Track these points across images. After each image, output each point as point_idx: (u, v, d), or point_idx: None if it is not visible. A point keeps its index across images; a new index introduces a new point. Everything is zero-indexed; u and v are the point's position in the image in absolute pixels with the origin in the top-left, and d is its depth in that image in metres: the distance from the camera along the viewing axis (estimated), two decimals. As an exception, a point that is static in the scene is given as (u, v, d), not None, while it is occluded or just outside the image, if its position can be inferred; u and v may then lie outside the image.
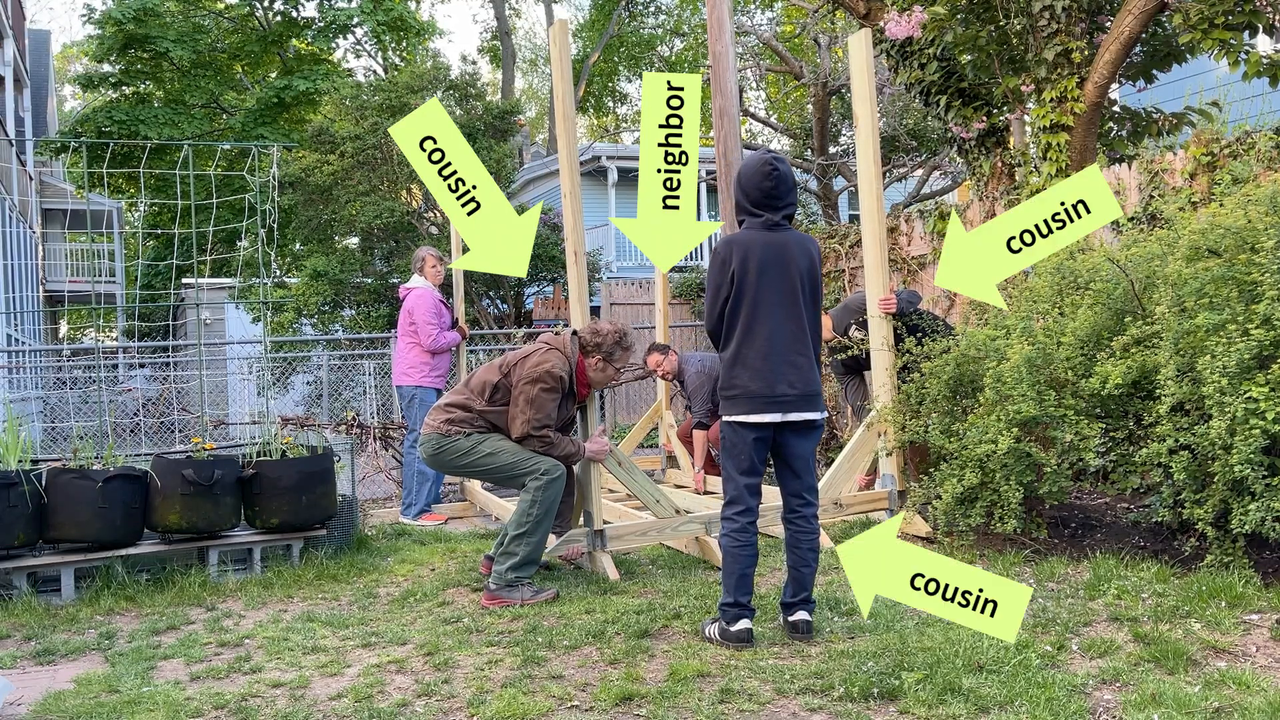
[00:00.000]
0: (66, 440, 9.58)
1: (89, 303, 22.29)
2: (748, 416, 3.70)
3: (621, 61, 32.05)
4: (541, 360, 4.75)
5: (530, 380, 4.70)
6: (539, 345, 4.89)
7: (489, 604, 4.42)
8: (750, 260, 3.74)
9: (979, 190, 7.72)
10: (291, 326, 15.84)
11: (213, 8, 24.32)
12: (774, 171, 3.77)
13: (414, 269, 7.30)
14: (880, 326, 5.48)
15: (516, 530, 4.55)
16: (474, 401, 4.80)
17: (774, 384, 3.69)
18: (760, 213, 3.80)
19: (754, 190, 3.80)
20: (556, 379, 4.70)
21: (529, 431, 4.67)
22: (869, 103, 5.47)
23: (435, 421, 4.84)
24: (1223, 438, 3.80)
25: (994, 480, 4.56)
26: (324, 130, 14.66)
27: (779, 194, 3.78)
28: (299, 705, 3.27)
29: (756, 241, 3.77)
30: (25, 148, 21.62)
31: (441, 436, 4.77)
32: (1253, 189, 4.37)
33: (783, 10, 19.65)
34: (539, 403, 4.67)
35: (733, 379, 3.75)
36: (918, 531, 5.18)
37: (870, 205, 5.49)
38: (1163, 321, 4.19)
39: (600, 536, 4.93)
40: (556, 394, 4.71)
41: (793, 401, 3.70)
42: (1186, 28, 6.30)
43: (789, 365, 3.70)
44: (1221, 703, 2.87)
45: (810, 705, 3.08)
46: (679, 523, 5.12)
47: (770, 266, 3.74)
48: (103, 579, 4.93)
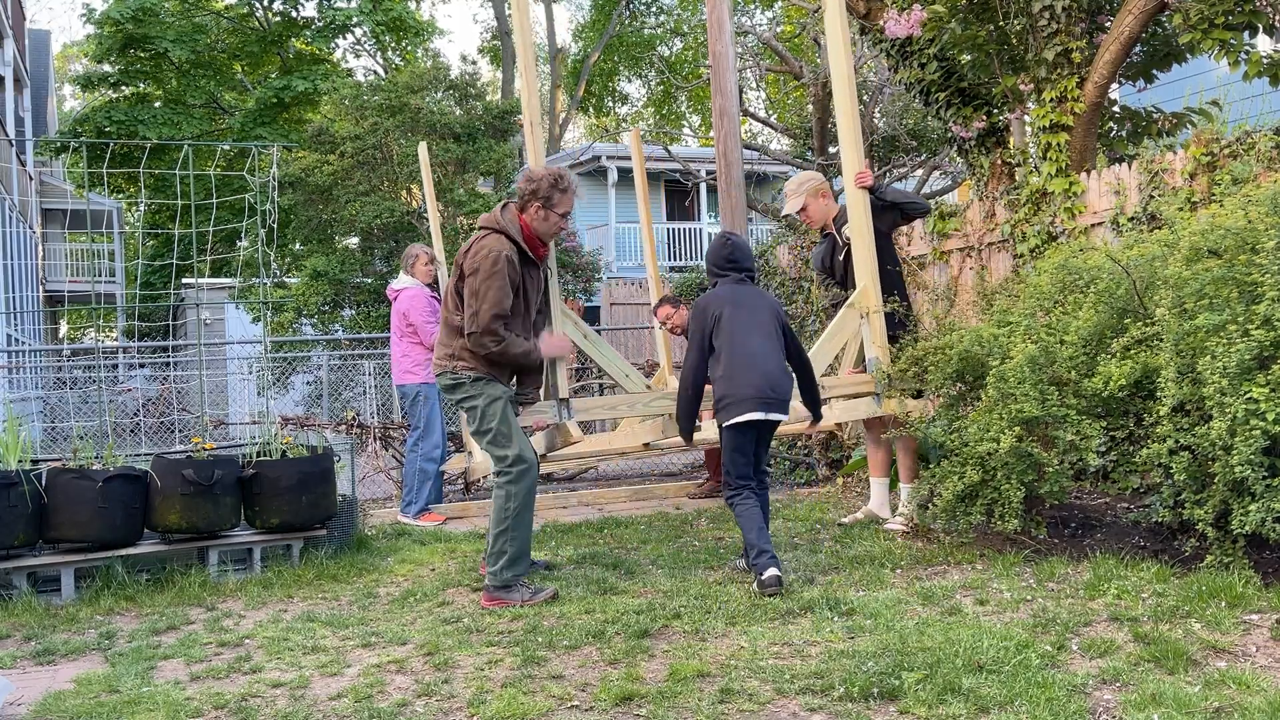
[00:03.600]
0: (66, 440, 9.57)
1: (89, 303, 22.29)
2: (742, 417, 4.53)
3: (621, 61, 32.03)
4: (479, 248, 4.46)
5: (472, 273, 4.43)
6: (474, 236, 4.61)
7: (488, 605, 4.39)
8: (725, 303, 4.70)
9: (979, 190, 7.72)
10: (291, 326, 15.84)
11: (212, 7, 24.32)
12: (727, 241, 4.92)
13: (405, 267, 7.27)
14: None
15: (498, 528, 4.45)
16: (453, 339, 4.60)
17: (759, 387, 4.53)
18: (726, 273, 4.81)
19: (720, 259, 4.86)
20: (500, 260, 4.39)
21: (479, 327, 4.38)
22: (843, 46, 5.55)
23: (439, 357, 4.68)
24: (1223, 438, 3.80)
25: (995, 479, 4.56)
26: (324, 130, 14.66)
27: (737, 258, 4.83)
28: (299, 705, 3.27)
29: (728, 290, 4.75)
30: (25, 148, 21.62)
31: (453, 373, 4.58)
32: (1253, 189, 4.37)
33: (783, 10, 19.65)
34: (483, 292, 4.36)
35: (725, 391, 4.58)
36: (895, 527, 5.30)
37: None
38: (1163, 322, 4.19)
39: (565, 406, 4.83)
40: (503, 277, 4.38)
41: (772, 403, 4.56)
42: (1186, 28, 6.29)
43: (768, 373, 4.56)
44: (1221, 703, 2.87)
45: (810, 705, 3.08)
46: (650, 398, 5.00)
47: (744, 304, 4.70)
48: (103, 579, 4.92)
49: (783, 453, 8.09)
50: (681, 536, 5.80)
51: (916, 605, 4.02)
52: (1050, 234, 6.56)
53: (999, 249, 7.04)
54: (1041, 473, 4.50)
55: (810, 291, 8.43)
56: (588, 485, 8.59)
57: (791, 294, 8.65)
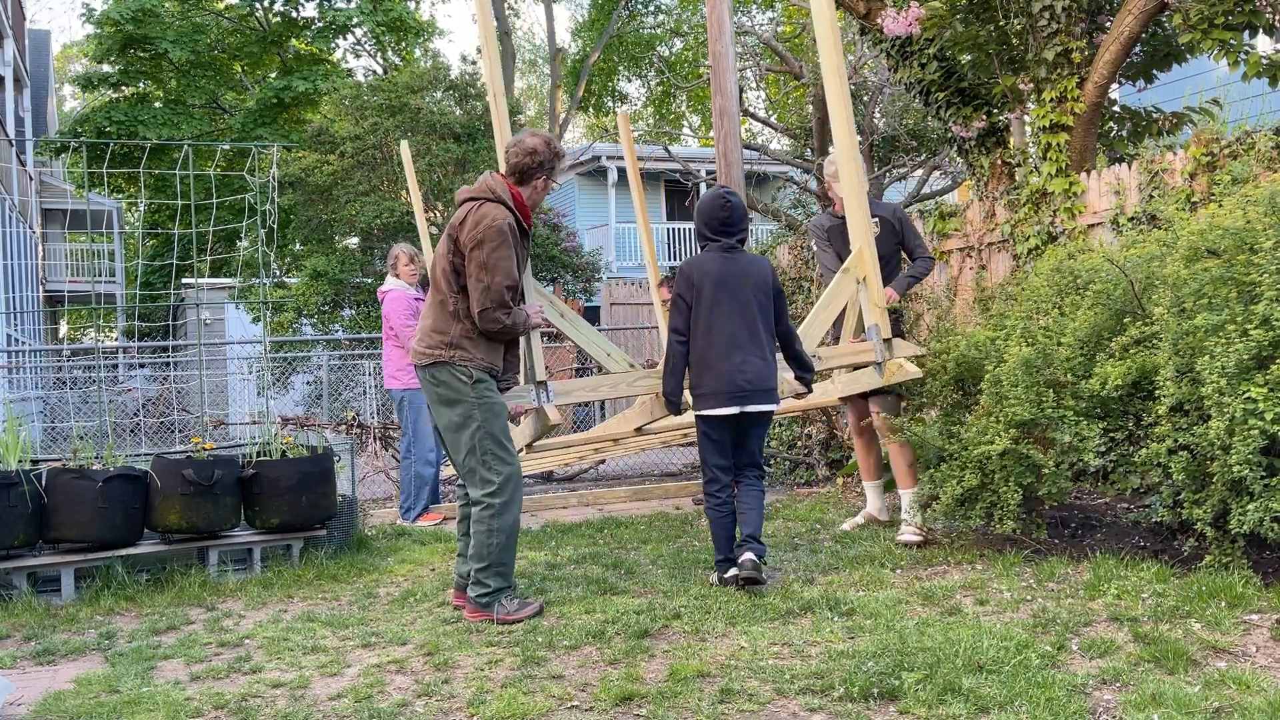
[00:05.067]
0: (66, 440, 9.58)
1: (89, 303, 22.30)
2: (713, 410, 4.39)
3: (621, 61, 31.99)
4: (479, 218, 4.15)
5: (476, 245, 4.11)
6: (465, 207, 4.26)
7: (472, 617, 4.19)
8: (709, 277, 4.42)
9: (979, 190, 7.72)
10: (291, 326, 15.85)
11: (212, 8, 24.31)
12: (727, 203, 4.51)
13: (389, 268, 7.24)
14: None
15: (480, 564, 4.17)
16: (448, 324, 4.21)
17: (733, 379, 4.34)
18: (718, 238, 4.49)
19: (712, 220, 4.51)
20: (505, 229, 4.13)
21: (491, 302, 4.09)
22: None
23: (422, 347, 4.27)
24: (1221, 438, 3.80)
25: (993, 481, 4.56)
26: (324, 130, 14.66)
27: (732, 222, 4.50)
28: (299, 705, 3.27)
29: (714, 261, 4.45)
30: (25, 148, 21.63)
31: (450, 366, 4.18)
32: (1252, 189, 4.37)
33: (783, 10, 19.65)
34: (493, 263, 4.08)
35: (699, 378, 4.42)
36: (911, 539, 5.07)
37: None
38: (1162, 322, 4.19)
39: (543, 388, 4.50)
40: (509, 246, 4.13)
41: (749, 395, 4.36)
42: (1186, 28, 6.30)
43: (745, 363, 4.36)
44: (1221, 703, 2.87)
45: (810, 705, 3.08)
46: (635, 377, 4.65)
47: (726, 282, 4.41)
48: (103, 579, 4.93)
49: (783, 453, 8.10)
50: (681, 536, 5.80)
51: (916, 605, 4.02)
52: (1050, 234, 6.56)
53: (999, 249, 7.04)
54: (1040, 474, 4.50)
55: (810, 291, 8.44)
56: (588, 485, 8.59)
57: (792, 294, 8.65)
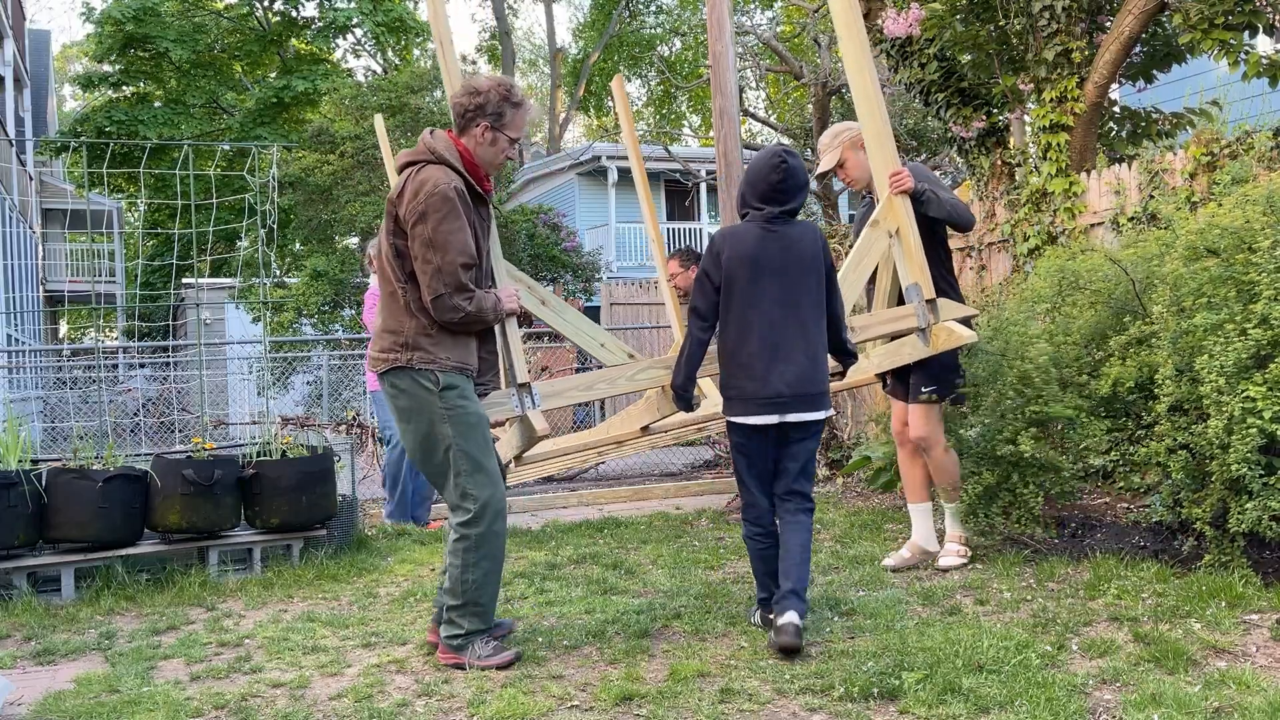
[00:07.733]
0: (66, 440, 9.57)
1: (89, 303, 22.27)
2: (745, 419, 3.66)
3: (621, 61, 32.01)
4: (416, 186, 3.45)
5: (417, 219, 3.41)
6: (404, 174, 3.55)
7: (444, 659, 3.61)
8: (745, 256, 3.63)
9: (979, 190, 7.72)
10: (291, 326, 15.84)
11: (212, 7, 24.32)
12: (783, 164, 3.65)
13: (366, 267, 7.21)
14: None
15: (455, 601, 3.56)
16: (402, 320, 3.52)
17: (771, 383, 3.60)
18: (763, 206, 3.67)
19: (761, 182, 3.67)
20: (451, 194, 3.42)
21: (445, 286, 3.39)
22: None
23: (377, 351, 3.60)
24: (1220, 437, 3.80)
25: (1010, 481, 4.54)
26: (324, 130, 14.66)
27: (785, 189, 3.65)
28: (299, 705, 3.27)
29: (752, 237, 3.65)
30: (25, 148, 21.62)
31: (413, 372, 3.51)
32: (1250, 189, 4.37)
33: (783, 10, 19.64)
34: (441, 239, 3.39)
35: (729, 378, 3.71)
36: (951, 563, 4.58)
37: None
38: (1161, 321, 4.20)
39: (527, 391, 3.81)
40: (459, 215, 3.43)
41: (789, 402, 3.61)
42: (1186, 28, 6.30)
43: (786, 364, 3.60)
44: (1221, 703, 2.87)
45: (810, 705, 3.08)
46: (636, 370, 4.02)
47: (768, 263, 3.62)
48: (103, 579, 4.93)
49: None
50: (681, 536, 5.80)
51: (916, 605, 4.02)
52: (1050, 234, 6.56)
53: (999, 249, 7.05)
54: (1058, 474, 4.49)
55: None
56: (588, 485, 8.59)
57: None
